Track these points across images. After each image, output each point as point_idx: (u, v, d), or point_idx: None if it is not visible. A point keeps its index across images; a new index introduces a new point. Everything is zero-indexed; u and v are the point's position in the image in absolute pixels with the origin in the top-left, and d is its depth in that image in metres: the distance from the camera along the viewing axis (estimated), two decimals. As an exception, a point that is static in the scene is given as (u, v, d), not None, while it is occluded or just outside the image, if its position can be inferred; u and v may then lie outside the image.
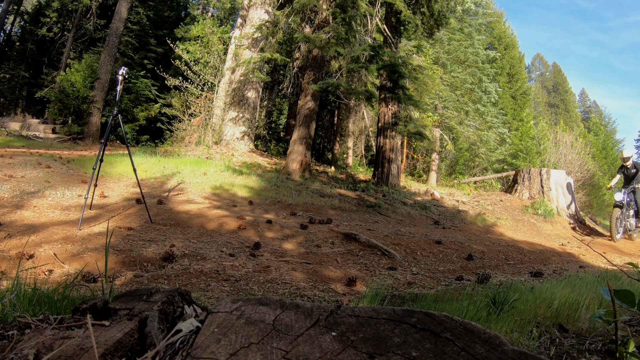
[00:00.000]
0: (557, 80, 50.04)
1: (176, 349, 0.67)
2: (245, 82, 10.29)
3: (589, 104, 53.31)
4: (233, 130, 10.21)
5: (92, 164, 4.18)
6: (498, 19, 25.65)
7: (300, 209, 5.19)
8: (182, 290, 0.84)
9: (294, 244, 3.54)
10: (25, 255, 2.35)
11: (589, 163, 18.64)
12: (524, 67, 29.75)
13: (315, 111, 8.35)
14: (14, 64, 17.77)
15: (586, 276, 2.73)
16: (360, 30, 7.87)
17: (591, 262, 4.39)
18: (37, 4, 18.36)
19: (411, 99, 7.94)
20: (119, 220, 3.45)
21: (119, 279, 2.14)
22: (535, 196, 8.53)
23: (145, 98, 14.23)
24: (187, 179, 5.98)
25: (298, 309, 0.75)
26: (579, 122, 43.63)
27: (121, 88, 3.60)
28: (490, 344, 0.60)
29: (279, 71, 15.18)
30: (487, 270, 3.21)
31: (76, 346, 0.62)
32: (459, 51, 15.12)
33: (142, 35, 15.42)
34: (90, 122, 12.25)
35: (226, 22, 19.45)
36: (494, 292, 1.67)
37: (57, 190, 4.18)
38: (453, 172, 19.23)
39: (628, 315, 1.31)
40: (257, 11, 10.51)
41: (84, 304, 0.77)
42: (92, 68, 12.49)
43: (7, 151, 6.71)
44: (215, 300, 1.80)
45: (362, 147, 16.92)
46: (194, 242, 3.08)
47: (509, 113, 23.27)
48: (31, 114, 16.91)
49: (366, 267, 3.03)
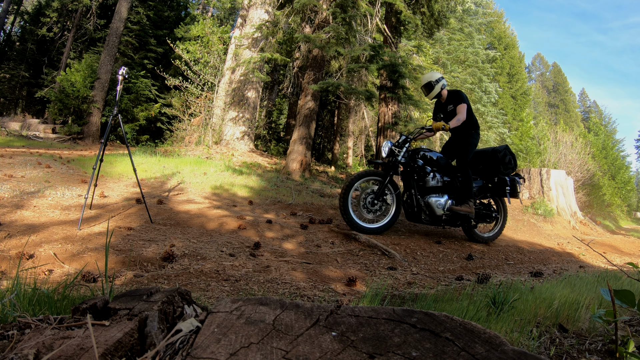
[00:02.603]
0: (557, 80, 50.02)
1: (176, 348, 0.67)
2: (245, 82, 10.28)
3: (589, 104, 53.31)
4: (233, 130, 10.21)
5: (92, 164, 4.18)
6: (498, 18, 25.64)
7: (300, 208, 5.19)
8: (182, 290, 0.84)
9: (294, 244, 3.54)
10: (25, 255, 2.35)
11: (589, 163, 18.64)
12: (524, 67, 29.76)
13: (315, 111, 8.35)
14: (14, 64, 17.76)
15: (586, 276, 2.73)
16: (361, 30, 7.86)
17: (591, 262, 4.39)
18: (37, 4, 18.36)
19: (411, 99, 7.94)
20: (119, 220, 3.45)
21: (119, 278, 2.14)
22: (535, 196, 8.53)
23: (145, 98, 14.22)
24: (187, 178, 5.98)
25: (298, 308, 0.75)
26: (579, 122, 43.64)
27: (121, 88, 3.60)
28: (490, 344, 0.60)
29: (279, 71, 15.17)
30: (487, 270, 3.21)
31: (76, 346, 0.62)
32: (459, 51, 15.11)
33: (142, 35, 15.41)
34: (90, 122, 12.24)
35: (226, 22, 19.45)
36: (494, 292, 1.67)
37: (57, 190, 4.18)
38: (453, 172, 19.22)
39: (628, 315, 1.31)
40: (257, 11, 10.50)
41: (84, 303, 0.77)
42: (92, 68, 12.49)
43: (7, 151, 6.71)
44: (215, 300, 1.81)
45: (362, 147, 16.91)
46: (194, 242, 3.08)
47: (509, 113, 23.26)
48: (31, 114, 16.91)
49: (366, 267, 3.03)
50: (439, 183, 4.26)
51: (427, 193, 4.24)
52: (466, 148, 4.28)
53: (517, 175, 4.65)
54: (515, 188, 4.54)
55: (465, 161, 4.25)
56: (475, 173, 4.57)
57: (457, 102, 4.26)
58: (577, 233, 7.45)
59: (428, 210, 4.19)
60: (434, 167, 4.28)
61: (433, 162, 4.29)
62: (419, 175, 4.25)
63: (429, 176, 4.24)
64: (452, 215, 4.24)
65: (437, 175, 4.27)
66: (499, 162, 4.45)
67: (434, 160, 4.29)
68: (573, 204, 8.64)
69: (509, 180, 4.53)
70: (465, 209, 4.18)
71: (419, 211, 4.21)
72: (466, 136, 4.34)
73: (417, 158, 4.25)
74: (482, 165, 4.55)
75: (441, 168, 4.32)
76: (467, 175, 4.21)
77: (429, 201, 4.16)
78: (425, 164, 4.26)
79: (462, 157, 4.27)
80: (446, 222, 4.30)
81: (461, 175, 4.24)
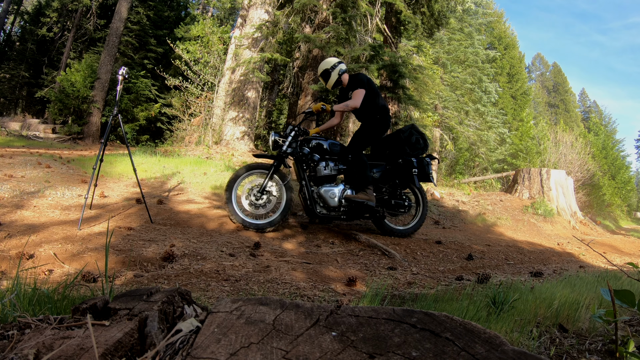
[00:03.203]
0: (557, 80, 50.02)
1: (176, 348, 0.67)
2: (245, 82, 10.28)
3: (589, 104, 53.31)
4: (233, 130, 10.21)
5: (92, 164, 4.18)
6: (498, 18, 25.64)
7: (300, 208, 5.19)
8: (182, 290, 0.84)
9: (294, 244, 3.54)
10: (25, 255, 2.35)
11: (589, 163, 18.65)
12: (524, 67, 29.76)
13: (315, 111, 8.35)
14: (14, 64, 17.77)
15: (586, 276, 2.73)
16: (361, 30, 7.86)
17: (591, 262, 4.39)
18: (37, 4, 18.36)
19: (411, 99, 7.94)
20: (119, 220, 3.45)
21: (119, 278, 2.14)
22: (535, 196, 8.53)
23: (145, 98, 14.23)
24: (187, 178, 5.98)
25: (298, 308, 0.75)
26: (579, 122, 43.64)
27: (121, 88, 3.60)
28: (491, 344, 0.60)
29: (279, 71, 15.16)
30: (487, 270, 3.21)
31: (76, 346, 0.62)
32: (459, 51, 15.11)
33: (142, 35, 15.41)
34: (90, 122, 12.24)
35: (226, 22, 19.45)
36: (494, 292, 1.67)
37: (57, 190, 4.18)
38: (453, 172, 19.22)
39: (628, 315, 1.31)
40: (257, 11, 10.50)
41: (84, 303, 0.77)
42: (92, 68, 12.49)
43: (7, 151, 6.71)
44: (215, 300, 1.81)
45: (362, 147, 16.90)
46: (194, 242, 3.08)
47: (509, 113, 23.26)
48: (31, 114, 16.91)
49: (366, 267, 3.03)
50: (332, 172, 3.94)
51: (320, 183, 3.93)
52: (362, 132, 4.00)
53: (429, 157, 4.23)
54: (424, 169, 4.08)
55: (356, 145, 3.95)
56: (383, 158, 4.18)
57: (354, 87, 3.92)
58: (577, 233, 7.45)
59: (322, 202, 3.86)
60: (324, 155, 3.97)
61: (323, 149, 3.97)
62: (310, 165, 3.96)
63: (320, 165, 3.92)
64: (351, 205, 3.87)
65: (329, 163, 3.95)
66: (404, 143, 4.03)
67: (323, 147, 3.98)
68: (573, 204, 8.64)
69: (415, 161, 4.06)
70: (362, 197, 3.80)
71: (312, 203, 3.87)
72: (367, 121, 4.01)
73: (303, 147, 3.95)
74: (389, 149, 4.13)
75: (334, 156, 4.01)
76: (359, 159, 3.88)
77: (320, 191, 3.85)
78: (313, 152, 3.94)
79: (354, 141, 3.99)
80: (348, 214, 3.94)
81: (352, 159, 3.91)
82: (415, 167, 4.04)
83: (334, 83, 3.99)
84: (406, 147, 4.04)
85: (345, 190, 3.91)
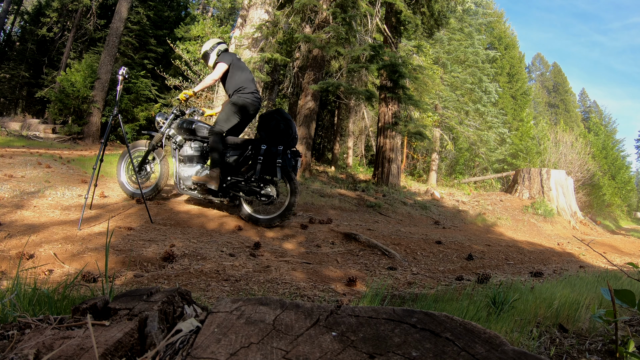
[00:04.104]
0: (557, 80, 50.03)
1: (176, 348, 0.67)
2: (245, 82, 10.27)
3: (589, 104, 53.32)
4: (233, 130, 10.20)
5: (92, 164, 4.18)
6: (498, 18, 25.63)
7: (300, 208, 5.19)
8: (182, 290, 0.84)
9: (294, 244, 3.54)
10: (26, 255, 2.35)
11: (589, 163, 18.66)
12: (524, 67, 29.75)
13: (316, 111, 8.36)
14: (14, 64, 17.76)
15: (586, 276, 2.73)
16: (361, 30, 7.86)
17: (591, 262, 4.39)
18: (37, 4, 18.37)
19: (411, 99, 7.94)
20: (119, 220, 3.46)
21: (119, 278, 2.14)
22: (535, 196, 8.53)
23: (145, 98, 14.22)
24: (187, 178, 5.98)
25: (298, 309, 0.75)
26: (579, 122, 43.64)
27: (121, 88, 3.61)
28: (491, 344, 0.60)
29: (279, 71, 15.16)
30: (487, 270, 3.21)
31: (76, 346, 0.62)
32: (459, 51, 15.11)
33: (142, 35, 15.41)
34: (90, 122, 12.24)
35: (226, 22, 19.45)
36: (494, 292, 1.67)
37: (57, 190, 4.18)
38: (453, 172, 19.23)
39: (628, 315, 1.31)
40: (257, 11, 10.50)
41: (84, 303, 0.77)
42: (92, 68, 12.49)
43: (7, 151, 6.71)
44: (215, 300, 1.81)
45: (362, 147, 16.91)
46: (194, 242, 3.08)
47: (509, 113, 23.26)
48: (31, 114, 16.91)
49: (366, 267, 3.03)
50: (195, 152, 4.07)
51: (183, 163, 4.11)
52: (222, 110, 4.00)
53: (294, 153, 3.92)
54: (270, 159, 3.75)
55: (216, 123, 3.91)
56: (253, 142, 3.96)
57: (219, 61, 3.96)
58: (577, 233, 7.45)
59: (182, 180, 4.07)
60: (190, 135, 4.10)
61: (190, 131, 4.10)
62: (179, 145, 4.15)
63: (185, 145, 4.11)
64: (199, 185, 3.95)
65: (193, 144, 4.09)
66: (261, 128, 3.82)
67: (190, 129, 4.10)
68: (573, 204, 8.64)
69: (263, 149, 3.73)
70: (204, 178, 3.84)
71: (178, 180, 4.09)
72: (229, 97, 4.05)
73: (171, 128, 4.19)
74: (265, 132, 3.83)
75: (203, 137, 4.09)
76: (212, 140, 3.86)
77: (178, 170, 4.08)
78: (178, 133, 4.15)
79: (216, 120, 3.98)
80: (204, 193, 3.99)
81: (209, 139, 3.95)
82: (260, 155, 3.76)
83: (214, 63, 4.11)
84: (263, 132, 3.79)
85: (201, 171, 4.01)
